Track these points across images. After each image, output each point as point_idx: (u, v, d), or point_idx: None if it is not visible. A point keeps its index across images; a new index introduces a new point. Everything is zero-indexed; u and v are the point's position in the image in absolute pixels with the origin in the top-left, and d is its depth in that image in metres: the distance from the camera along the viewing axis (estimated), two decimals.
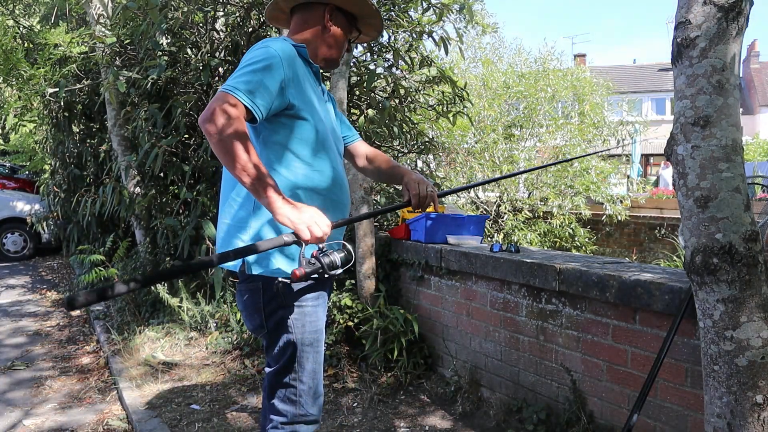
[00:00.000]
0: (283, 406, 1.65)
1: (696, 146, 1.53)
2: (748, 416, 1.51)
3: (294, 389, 1.63)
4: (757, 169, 13.85)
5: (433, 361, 3.38)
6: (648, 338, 2.14)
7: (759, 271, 1.51)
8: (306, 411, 1.65)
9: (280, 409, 1.65)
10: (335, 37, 1.71)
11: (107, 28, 4.84)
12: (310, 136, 1.59)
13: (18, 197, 8.94)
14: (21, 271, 7.92)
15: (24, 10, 8.74)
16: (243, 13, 4.71)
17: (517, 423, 2.66)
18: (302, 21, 1.71)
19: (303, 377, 1.63)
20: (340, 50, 1.75)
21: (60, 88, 4.25)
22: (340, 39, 1.73)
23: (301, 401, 1.64)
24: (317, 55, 1.72)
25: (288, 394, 1.64)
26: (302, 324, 1.61)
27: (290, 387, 1.64)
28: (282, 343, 1.62)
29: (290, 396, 1.64)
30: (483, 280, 2.94)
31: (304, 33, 1.70)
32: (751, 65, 27.87)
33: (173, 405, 3.09)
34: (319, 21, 1.69)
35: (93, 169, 6.32)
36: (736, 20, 1.49)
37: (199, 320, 4.11)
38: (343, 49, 1.76)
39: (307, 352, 1.62)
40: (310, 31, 1.69)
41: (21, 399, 3.38)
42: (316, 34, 1.69)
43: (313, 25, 1.69)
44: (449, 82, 4.73)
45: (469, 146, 9.47)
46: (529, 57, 11.73)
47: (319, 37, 1.70)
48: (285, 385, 1.64)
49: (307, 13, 1.70)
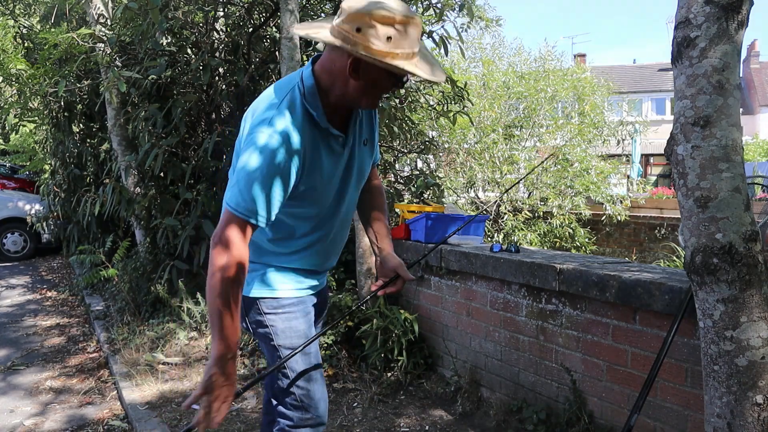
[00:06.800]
0: (288, 411, 1.65)
1: (696, 146, 1.53)
2: (748, 416, 1.51)
3: (294, 395, 1.64)
4: (757, 169, 13.85)
5: (433, 361, 3.38)
6: (648, 338, 2.14)
7: (759, 271, 1.51)
8: (310, 414, 1.65)
9: (286, 414, 1.66)
10: (362, 89, 1.44)
11: (107, 28, 4.84)
12: (310, 213, 1.58)
13: (18, 197, 8.94)
14: (21, 271, 7.92)
15: (24, 10, 8.75)
16: (243, 13, 4.71)
17: (517, 423, 2.66)
18: (331, 61, 1.45)
19: (298, 382, 1.63)
20: (368, 102, 1.50)
21: (60, 87, 4.25)
22: (366, 90, 1.45)
23: (303, 405, 1.64)
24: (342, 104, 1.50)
25: (290, 399, 1.65)
26: (282, 329, 1.62)
27: (290, 393, 1.64)
28: (269, 350, 1.66)
29: (292, 402, 1.64)
30: (483, 280, 2.94)
31: (330, 75, 1.46)
32: (751, 65, 27.86)
33: (173, 405, 3.09)
34: (344, 68, 1.41)
35: (93, 169, 6.32)
36: (736, 20, 1.49)
37: (199, 320, 4.11)
38: (372, 98, 1.49)
39: (295, 358, 1.61)
40: (337, 76, 1.44)
41: (21, 399, 3.38)
42: (342, 81, 1.44)
43: (340, 71, 1.43)
44: (449, 82, 4.73)
45: (470, 146, 9.47)
46: (529, 57, 11.74)
47: (344, 85, 1.44)
48: (285, 392, 1.65)
49: (335, 54, 1.43)
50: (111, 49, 4.44)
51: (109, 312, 4.93)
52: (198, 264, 4.33)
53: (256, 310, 1.63)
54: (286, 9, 3.50)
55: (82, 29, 4.44)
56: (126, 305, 4.68)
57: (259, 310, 1.62)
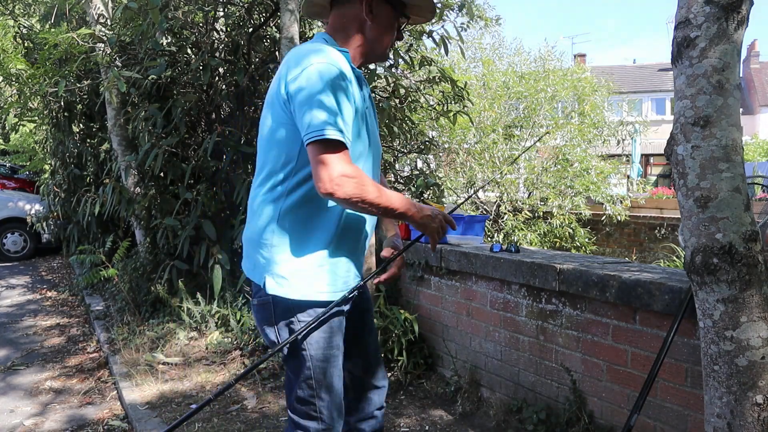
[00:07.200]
0: (305, 422, 1.60)
1: (696, 146, 1.53)
2: (748, 416, 1.51)
3: (314, 405, 1.58)
4: (757, 169, 13.86)
5: (433, 361, 3.38)
6: (648, 338, 2.14)
7: (759, 271, 1.51)
8: (326, 426, 1.60)
9: (303, 425, 1.60)
10: (378, 29, 1.55)
11: (107, 28, 4.84)
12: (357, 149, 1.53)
13: (18, 197, 8.94)
14: (21, 271, 7.92)
15: (24, 10, 8.74)
16: (243, 13, 4.71)
17: (517, 423, 2.66)
18: (341, 16, 1.56)
19: (321, 393, 1.57)
20: (385, 44, 1.60)
21: (60, 87, 4.25)
22: (384, 31, 1.57)
23: (322, 417, 1.59)
24: (361, 54, 1.58)
25: (308, 410, 1.58)
26: (316, 340, 1.54)
27: (309, 403, 1.58)
28: (296, 359, 1.57)
29: (311, 412, 1.58)
30: (483, 280, 2.94)
31: (344, 30, 1.56)
32: (751, 65, 27.87)
33: (173, 405, 3.09)
34: (359, 15, 1.53)
35: (93, 169, 6.32)
36: (736, 20, 1.49)
37: (199, 320, 4.11)
38: (390, 40, 1.61)
39: (323, 368, 1.56)
40: (350, 27, 1.55)
41: (21, 399, 3.38)
42: (358, 29, 1.55)
43: (353, 21, 1.54)
44: (449, 81, 4.74)
45: (470, 146, 9.48)
46: (529, 57, 11.75)
47: (361, 32, 1.55)
48: (304, 402, 1.58)
49: (345, 7, 1.55)
50: (111, 49, 4.44)
51: (109, 312, 4.93)
52: (198, 264, 4.33)
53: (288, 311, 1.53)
54: (286, 9, 3.50)
55: (82, 29, 4.44)
56: (126, 305, 4.68)
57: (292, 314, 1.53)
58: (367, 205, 1.41)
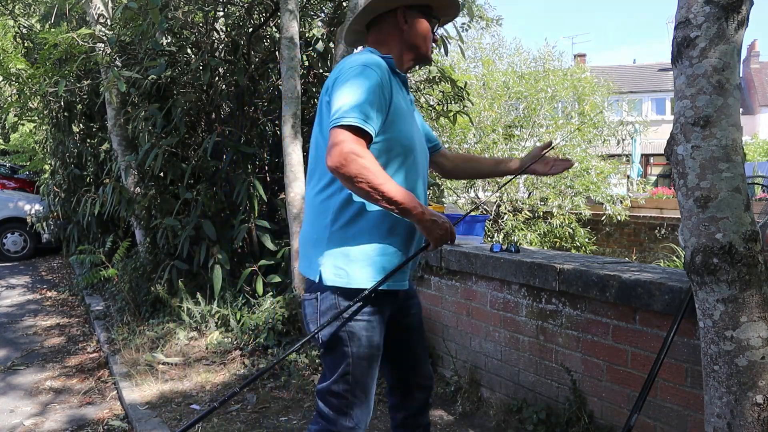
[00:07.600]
0: (333, 415, 1.62)
1: (696, 146, 1.53)
2: (748, 416, 1.51)
3: (346, 401, 1.60)
4: (757, 169, 13.86)
5: (433, 361, 3.37)
6: (648, 338, 2.14)
7: (759, 271, 1.51)
8: (354, 424, 1.62)
9: (329, 417, 1.62)
10: (416, 35, 1.70)
11: (107, 28, 4.84)
12: (399, 151, 1.59)
13: (18, 197, 8.95)
14: (21, 271, 7.92)
15: (24, 10, 8.74)
16: (243, 13, 4.71)
17: (517, 423, 2.66)
18: (379, 32, 1.71)
19: (356, 391, 1.60)
20: (426, 45, 1.73)
21: (60, 87, 4.25)
22: (421, 35, 1.70)
23: (351, 413, 1.61)
24: (405, 62, 1.72)
25: (340, 404, 1.61)
26: (358, 338, 1.58)
27: (343, 398, 1.61)
28: (337, 355, 1.60)
29: (342, 407, 1.61)
30: (483, 280, 2.94)
31: (386, 43, 1.70)
32: (751, 65, 27.86)
33: (173, 405, 3.09)
34: (395, 27, 1.68)
35: (93, 169, 6.32)
36: (736, 20, 1.49)
37: (199, 320, 4.11)
38: (428, 42, 1.73)
39: (362, 366, 1.59)
40: (390, 39, 1.69)
41: (21, 399, 3.39)
42: (398, 39, 1.69)
43: (391, 33, 1.69)
44: (449, 81, 4.74)
45: (470, 146, 9.48)
46: (528, 57, 11.75)
47: (401, 42, 1.69)
48: (337, 395, 1.61)
49: (381, 24, 1.71)
50: (111, 49, 4.44)
51: (109, 312, 4.94)
52: (198, 264, 4.33)
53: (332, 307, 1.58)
54: (286, 9, 3.50)
55: (82, 29, 4.44)
56: (126, 305, 4.68)
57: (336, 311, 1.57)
58: (372, 189, 1.42)
